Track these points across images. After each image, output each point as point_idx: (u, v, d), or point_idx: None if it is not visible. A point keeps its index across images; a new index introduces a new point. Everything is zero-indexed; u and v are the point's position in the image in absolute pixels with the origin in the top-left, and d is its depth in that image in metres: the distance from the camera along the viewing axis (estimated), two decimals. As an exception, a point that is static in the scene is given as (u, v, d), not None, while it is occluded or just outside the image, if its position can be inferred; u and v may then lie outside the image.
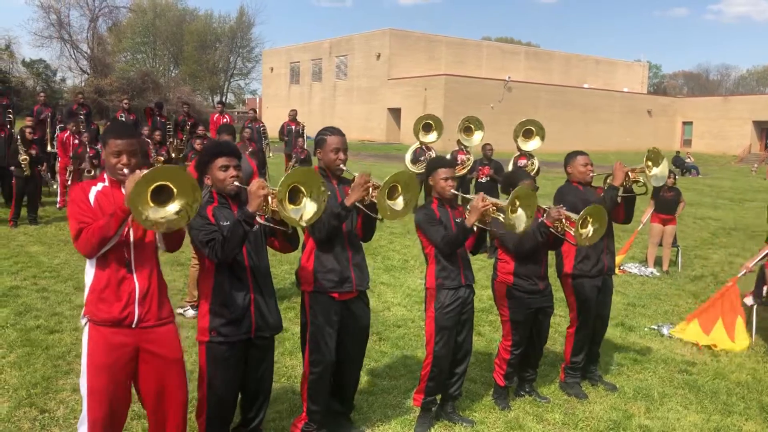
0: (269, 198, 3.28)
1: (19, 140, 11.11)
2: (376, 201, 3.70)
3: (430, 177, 4.38)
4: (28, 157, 10.94)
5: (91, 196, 3.17)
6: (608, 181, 5.09)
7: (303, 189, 3.31)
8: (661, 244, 10.05)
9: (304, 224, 3.36)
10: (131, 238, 3.19)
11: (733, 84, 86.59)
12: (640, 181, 5.00)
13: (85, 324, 3.21)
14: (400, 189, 3.78)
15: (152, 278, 3.24)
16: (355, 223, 4.05)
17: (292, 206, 3.28)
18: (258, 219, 3.33)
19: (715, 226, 14.73)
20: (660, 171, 4.96)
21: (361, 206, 3.79)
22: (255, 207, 3.27)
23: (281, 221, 3.36)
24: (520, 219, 4.09)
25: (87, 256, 3.16)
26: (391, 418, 4.54)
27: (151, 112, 15.88)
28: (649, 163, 4.92)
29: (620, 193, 4.95)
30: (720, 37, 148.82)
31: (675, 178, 10.16)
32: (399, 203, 3.79)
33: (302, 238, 3.95)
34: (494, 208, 4.07)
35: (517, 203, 4.06)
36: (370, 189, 3.74)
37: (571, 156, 5.21)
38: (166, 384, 3.30)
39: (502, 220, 4.04)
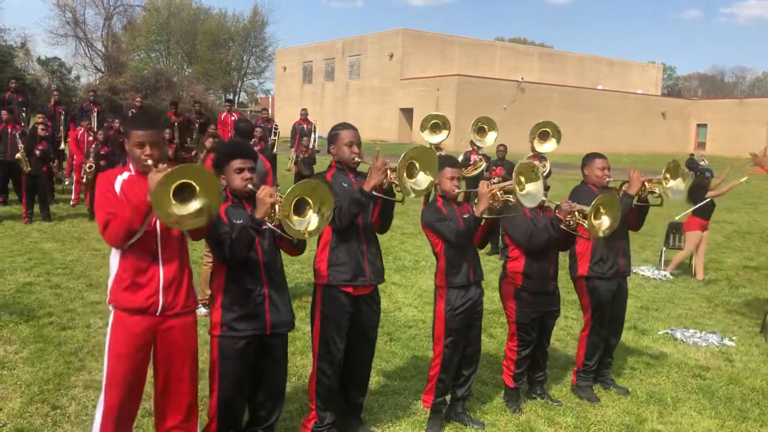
0: (276, 206, 3.29)
1: (18, 137, 11.10)
2: (396, 182, 3.68)
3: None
4: (24, 153, 10.89)
5: (117, 185, 3.20)
6: (624, 188, 5.03)
7: (310, 201, 3.30)
8: (676, 248, 9.98)
9: (307, 237, 3.36)
10: (158, 229, 3.23)
11: (748, 86, 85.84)
12: (655, 192, 4.95)
13: (111, 311, 3.28)
14: (418, 165, 3.75)
15: (178, 267, 3.29)
16: (371, 214, 4.03)
17: (297, 218, 3.28)
18: (267, 224, 3.34)
19: (729, 229, 14.60)
20: (676, 184, 4.93)
21: (378, 194, 3.77)
22: (262, 214, 3.29)
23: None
24: (531, 194, 4.02)
25: (115, 247, 3.21)
26: (402, 419, 4.52)
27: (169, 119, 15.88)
28: (668, 175, 4.87)
29: (635, 201, 4.90)
30: (734, 39, 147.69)
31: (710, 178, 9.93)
32: (420, 180, 3.76)
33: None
34: (501, 191, 4.04)
35: (522, 179, 4.00)
36: (388, 172, 3.72)
37: (589, 158, 5.15)
38: (176, 375, 3.35)
39: (512, 201, 4.00)
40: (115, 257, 3.25)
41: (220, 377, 3.55)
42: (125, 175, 3.26)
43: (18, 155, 10.94)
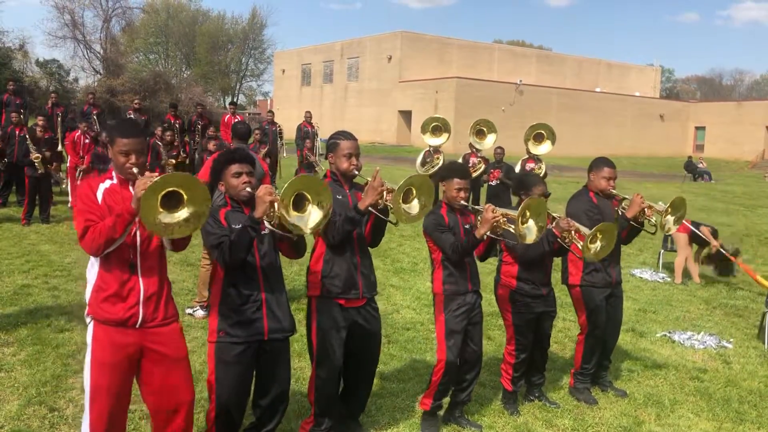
0: (275, 204, 3.28)
1: (29, 139, 11.18)
2: (391, 205, 3.69)
3: (444, 182, 4.34)
4: (40, 155, 11.02)
5: (99, 194, 3.14)
6: (623, 205, 5.03)
7: (308, 196, 3.29)
8: (674, 250, 9.97)
9: (308, 232, 3.35)
10: (138, 240, 3.17)
11: (746, 89, 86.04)
12: (652, 220, 4.96)
13: (90, 322, 3.21)
14: (414, 192, 3.77)
15: (157, 279, 3.23)
16: (364, 227, 4.03)
17: (296, 213, 3.27)
18: (266, 224, 3.33)
19: (727, 232, 14.59)
20: (674, 220, 4.93)
21: (374, 210, 3.77)
22: (261, 212, 3.28)
23: (288, 229, 3.36)
24: (531, 229, 4.08)
25: (92, 255, 3.15)
26: (399, 421, 4.52)
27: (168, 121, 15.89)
28: (670, 209, 4.88)
29: (630, 222, 4.90)
30: (732, 41, 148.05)
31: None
32: (414, 206, 3.78)
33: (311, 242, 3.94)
34: (504, 219, 4.05)
35: (528, 214, 4.04)
36: (384, 193, 3.72)
37: (597, 163, 5.11)
38: (170, 383, 3.28)
39: (512, 231, 4.02)
40: (93, 267, 3.19)
41: (217, 383, 3.54)
42: (107, 183, 3.19)
43: (33, 155, 11.02)
